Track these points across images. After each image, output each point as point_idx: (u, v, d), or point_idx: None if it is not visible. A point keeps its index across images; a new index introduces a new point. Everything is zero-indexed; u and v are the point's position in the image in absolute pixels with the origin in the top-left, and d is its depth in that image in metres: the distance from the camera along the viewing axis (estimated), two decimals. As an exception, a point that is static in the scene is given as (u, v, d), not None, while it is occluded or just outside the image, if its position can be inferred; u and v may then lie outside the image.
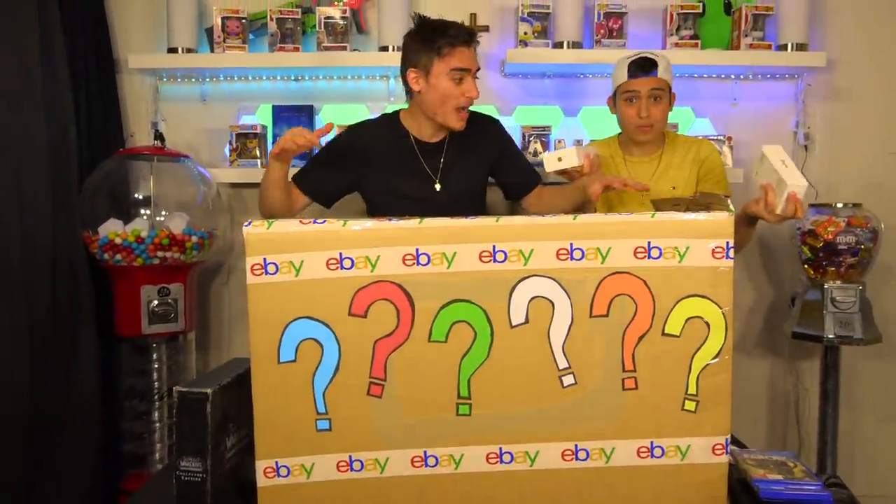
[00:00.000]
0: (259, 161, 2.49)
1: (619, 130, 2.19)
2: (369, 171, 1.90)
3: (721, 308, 1.25)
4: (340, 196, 2.00)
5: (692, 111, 2.58)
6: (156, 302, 2.17)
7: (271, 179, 1.80)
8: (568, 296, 1.22)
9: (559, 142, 2.55)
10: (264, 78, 2.63)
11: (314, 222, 1.24)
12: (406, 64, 1.85)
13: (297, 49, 2.47)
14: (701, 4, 2.42)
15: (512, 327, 1.22)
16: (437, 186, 1.86)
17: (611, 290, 1.23)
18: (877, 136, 2.63)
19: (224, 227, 2.55)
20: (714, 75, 2.57)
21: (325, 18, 2.45)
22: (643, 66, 1.96)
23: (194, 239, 2.19)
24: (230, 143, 2.49)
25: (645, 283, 1.23)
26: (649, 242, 1.24)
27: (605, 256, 1.24)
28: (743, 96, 2.59)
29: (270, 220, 1.24)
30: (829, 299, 2.14)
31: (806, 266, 2.30)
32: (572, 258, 1.23)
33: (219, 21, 2.45)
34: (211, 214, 2.34)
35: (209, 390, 1.24)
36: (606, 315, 1.23)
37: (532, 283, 1.22)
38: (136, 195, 2.28)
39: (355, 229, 1.23)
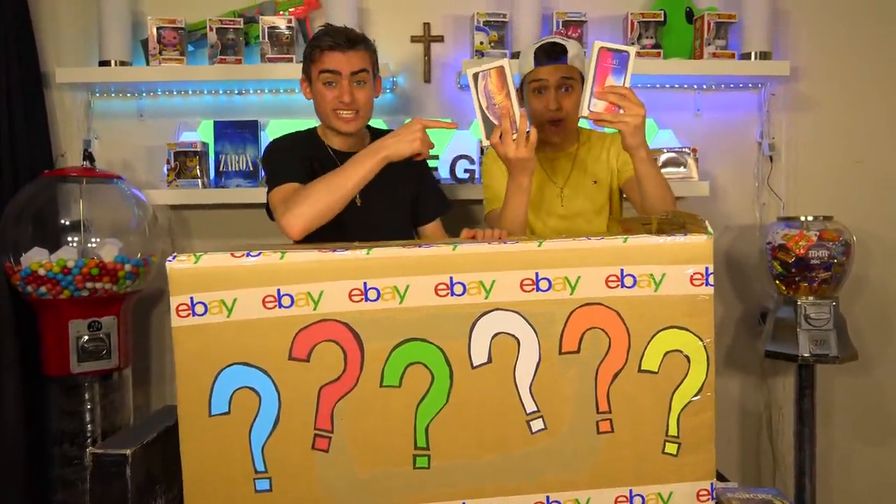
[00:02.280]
0: (200, 181, 2.32)
1: None
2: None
3: (701, 340, 1.15)
4: None
5: (654, 122, 2.51)
6: (86, 337, 1.99)
7: (359, 181, 1.59)
8: (535, 331, 1.13)
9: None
10: (205, 92, 2.47)
11: (248, 255, 1.11)
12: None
13: (239, 61, 2.32)
14: (662, 13, 2.34)
15: (473, 368, 1.12)
16: (358, 200, 1.73)
17: (581, 324, 1.14)
18: (842, 145, 2.58)
19: (164, 253, 2.37)
20: (677, 85, 2.50)
21: (269, 28, 2.30)
22: (551, 53, 1.80)
23: (128, 267, 2.01)
24: (168, 163, 2.32)
25: (618, 314, 1.14)
26: (622, 270, 1.14)
27: (574, 286, 1.13)
28: (706, 106, 2.52)
29: (198, 254, 1.10)
30: (803, 316, 2.06)
31: (777, 282, 2.23)
32: (538, 289, 1.13)
33: (154, 31, 2.29)
34: (147, 239, 2.17)
35: (128, 451, 1.09)
36: (577, 351, 1.14)
37: (494, 318, 1.12)
38: (63, 221, 2.09)
39: (295, 261, 1.10)
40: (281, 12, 2.39)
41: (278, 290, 1.10)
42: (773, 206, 2.53)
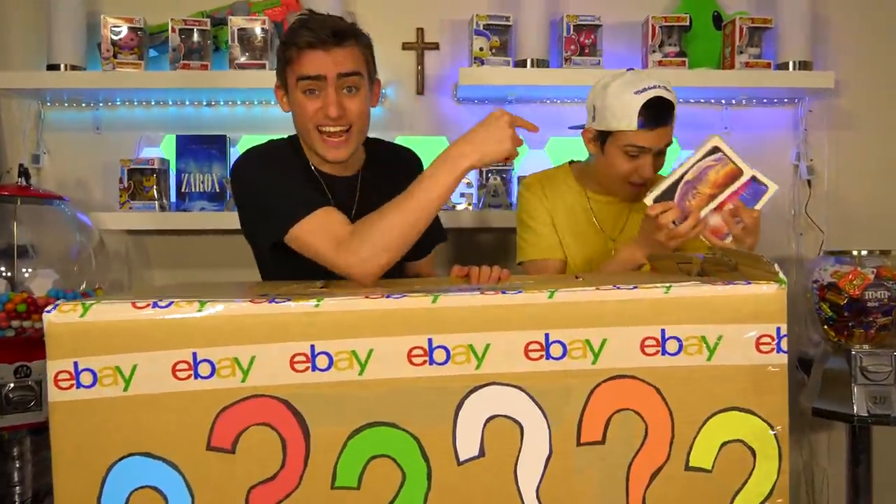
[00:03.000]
0: (156, 203, 2.03)
1: (572, 158, 1.82)
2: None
3: (772, 427, 0.85)
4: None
5: (676, 141, 2.21)
6: (11, 385, 1.69)
7: (438, 203, 1.19)
8: (544, 414, 0.85)
9: (522, 178, 2.15)
10: (170, 102, 2.19)
11: (154, 304, 0.82)
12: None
13: (205, 67, 2.04)
14: (687, 17, 2.06)
15: (460, 464, 0.84)
16: None
17: (608, 404, 0.85)
18: (890, 167, 2.29)
19: (117, 285, 2.08)
20: (703, 99, 2.21)
21: (240, 31, 2.02)
22: (658, 116, 1.49)
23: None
24: (120, 182, 2.03)
25: (658, 391, 0.85)
26: (663, 331, 0.84)
27: (597, 353, 0.84)
28: (736, 124, 2.23)
29: (87, 303, 0.81)
30: (858, 368, 1.75)
31: (826, 327, 1.92)
32: (549, 356, 0.83)
33: (108, 32, 2.01)
34: (91, 270, 1.87)
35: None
36: (602, 441, 0.85)
37: (489, 395, 0.84)
38: (-12, 247, 1.80)
39: (217, 315, 0.82)
40: (255, 13, 2.12)
41: (194, 355, 0.82)
42: (813, 238, 2.23)
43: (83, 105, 2.19)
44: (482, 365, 0.83)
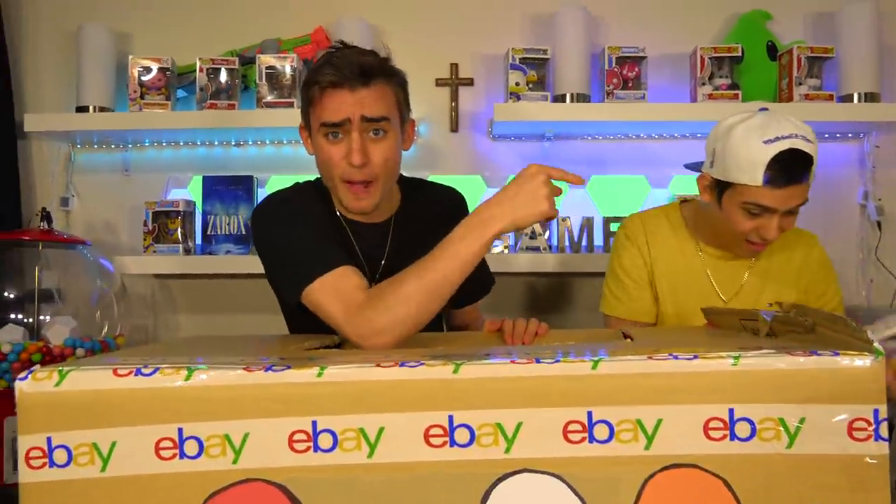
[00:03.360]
0: (181, 246, 1.96)
1: (683, 196, 1.62)
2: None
3: (867, 531, 0.69)
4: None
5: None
6: (24, 439, 1.61)
7: (462, 272, 1.06)
8: None
9: (564, 220, 2.03)
10: (198, 143, 2.14)
11: (137, 372, 0.71)
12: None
13: (232, 106, 1.98)
14: (739, 47, 1.93)
15: None
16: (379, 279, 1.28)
17: (665, 499, 0.70)
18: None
19: (141, 330, 2.01)
20: (757, 135, 2.06)
21: (268, 69, 1.96)
22: (791, 172, 1.28)
23: (80, 352, 1.64)
24: (145, 225, 1.97)
25: (726, 484, 0.71)
26: (731, 411, 0.70)
27: (651, 437, 0.70)
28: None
29: (64, 369, 0.71)
30: (945, 435, 1.56)
31: (900, 386, 1.73)
32: (592, 439, 0.70)
33: (135, 73, 1.97)
34: (111, 317, 1.80)
35: None
36: None
37: (521, 484, 0.70)
38: (5, 293, 1.74)
39: (206, 385, 0.71)
40: (285, 51, 2.06)
41: (180, 431, 0.72)
42: (885, 285, 2.03)
43: (112, 146, 2.16)
44: (512, 448, 0.70)
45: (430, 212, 1.35)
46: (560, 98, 1.98)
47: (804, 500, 0.69)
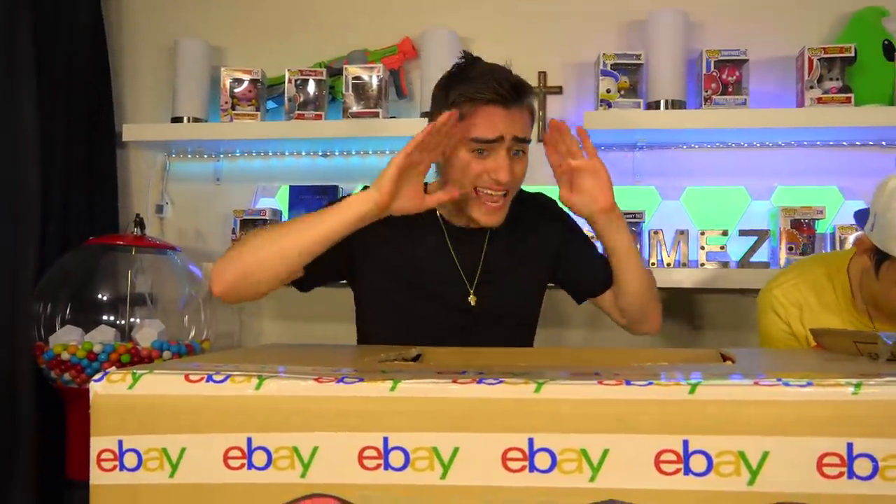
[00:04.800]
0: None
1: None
2: (370, 258, 1.30)
3: None
4: (323, 280, 1.36)
5: (839, 191, 1.92)
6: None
7: (327, 231, 1.13)
8: None
9: (655, 233, 1.93)
10: (286, 153, 2.18)
11: (209, 378, 0.69)
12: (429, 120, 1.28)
13: (319, 116, 2.00)
14: (852, 47, 1.79)
15: None
16: (472, 299, 1.27)
17: (770, 542, 0.62)
18: None
19: (227, 336, 2.05)
20: (872, 142, 1.90)
21: (354, 79, 1.97)
22: None
23: (167, 355, 1.68)
24: (233, 232, 2.02)
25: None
26: (850, 446, 0.63)
27: (755, 471, 0.63)
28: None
29: (137, 372, 0.71)
30: None
31: None
32: (688, 471, 0.64)
33: (227, 84, 2.03)
34: (199, 322, 1.84)
35: None
36: None
37: (608, 516, 0.64)
38: (100, 296, 1.80)
39: (278, 394, 0.68)
40: (372, 62, 2.07)
41: (248, 441, 0.69)
42: None
43: (205, 156, 2.22)
44: (598, 476, 0.64)
45: (521, 219, 1.35)
46: (654, 105, 1.89)
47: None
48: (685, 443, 0.63)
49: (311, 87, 2.02)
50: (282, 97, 2.11)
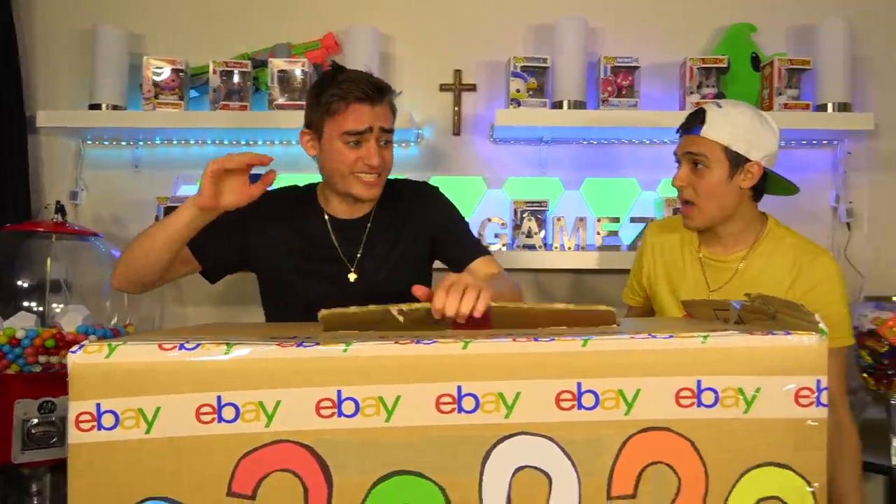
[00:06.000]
0: (193, 240, 2.06)
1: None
2: (262, 245, 1.52)
3: (809, 484, 0.81)
4: (228, 269, 1.59)
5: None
6: (35, 421, 1.69)
7: (173, 232, 1.31)
8: (574, 465, 0.80)
9: (558, 219, 2.14)
10: (209, 142, 2.24)
11: (181, 347, 0.81)
12: (304, 124, 1.49)
13: (244, 107, 2.08)
14: (726, 58, 2.05)
15: None
16: (352, 276, 1.47)
17: (640, 457, 0.82)
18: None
19: (148, 321, 2.10)
20: (741, 141, 2.17)
21: (280, 72, 2.07)
22: (686, 122, 1.53)
23: (92, 339, 1.72)
24: (157, 219, 2.07)
25: (693, 445, 0.82)
26: (699, 382, 0.82)
27: (630, 404, 0.81)
28: (774, 165, 2.18)
29: (113, 343, 0.81)
30: (897, 419, 1.68)
31: (865, 374, 1.85)
32: (581, 406, 0.81)
33: (149, 73, 2.07)
34: (123, 307, 1.90)
35: None
36: (633, 496, 0.81)
37: (518, 445, 0.80)
38: (21, 282, 1.83)
39: (244, 358, 0.80)
40: (296, 55, 2.16)
41: (219, 398, 0.81)
42: (853, 282, 2.15)
43: (123, 143, 2.25)
44: (512, 414, 0.80)
45: (405, 205, 1.55)
46: (558, 105, 2.09)
47: (757, 458, 0.80)
48: (578, 384, 0.80)
49: (237, 78, 2.09)
50: (203, 86, 2.17)
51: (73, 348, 0.82)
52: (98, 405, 0.81)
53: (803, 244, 1.51)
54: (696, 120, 1.48)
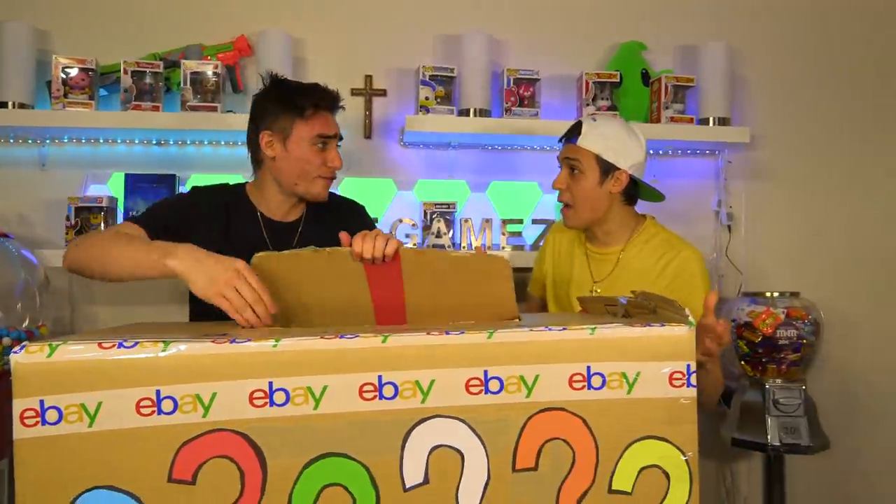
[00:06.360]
0: (105, 240, 2.05)
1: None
2: (198, 244, 1.49)
3: (683, 453, 0.96)
4: None
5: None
6: (-46, 422, 1.67)
7: (142, 273, 1.26)
8: (482, 443, 0.92)
9: (465, 220, 2.26)
10: (119, 141, 2.23)
11: (120, 345, 0.87)
12: (260, 126, 1.56)
13: (156, 108, 2.09)
14: (618, 74, 2.23)
15: (406, 490, 0.91)
16: None
17: (540, 434, 0.94)
18: (801, 216, 2.49)
19: (59, 322, 2.08)
20: (632, 149, 2.37)
21: (192, 74, 2.09)
22: (567, 133, 1.68)
23: (6, 341, 1.72)
24: (67, 219, 2.05)
25: (585, 422, 0.95)
26: (589, 367, 0.94)
27: (531, 388, 0.93)
28: (662, 173, 2.39)
29: (54, 343, 0.85)
30: (772, 401, 1.90)
31: (742, 362, 2.07)
32: (487, 391, 0.92)
33: (59, 72, 2.05)
34: (35, 307, 1.88)
35: None
36: (535, 468, 0.93)
37: (433, 427, 0.91)
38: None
39: (181, 354, 0.87)
40: (208, 57, 2.18)
41: (157, 392, 0.87)
42: (733, 279, 2.39)
43: (30, 142, 2.20)
44: (427, 399, 0.90)
45: (332, 216, 1.65)
46: (465, 112, 2.21)
47: (638, 431, 0.94)
48: (485, 372, 0.91)
49: (148, 79, 2.10)
50: (113, 85, 2.16)
51: (15, 348, 0.86)
52: (42, 401, 0.85)
53: (672, 239, 1.69)
54: (574, 131, 1.65)
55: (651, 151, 2.39)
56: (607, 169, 1.61)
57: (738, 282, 2.39)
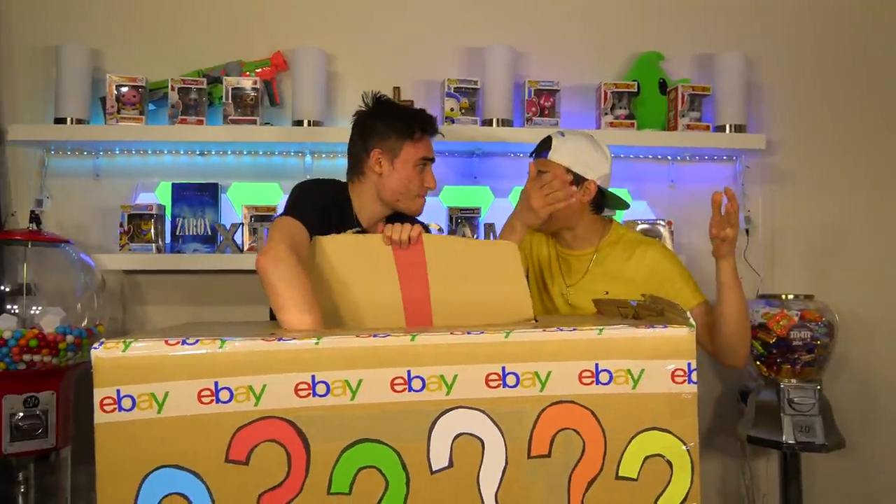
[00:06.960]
0: (154, 245, 2.20)
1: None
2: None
3: (685, 444, 1.05)
4: None
5: (628, 193, 2.45)
6: (21, 414, 1.83)
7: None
8: (501, 432, 1.02)
9: (489, 226, 2.36)
10: (165, 152, 2.38)
11: (183, 342, 0.99)
12: (369, 143, 1.69)
13: (200, 122, 2.23)
14: (636, 83, 2.31)
15: (433, 473, 1.01)
16: None
17: (553, 424, 1.03)
18: (818, 220, 2.55)
19: (113, 321, 2.23)
20: (651, 156, 2.45)
21: (234, 89, 2.23)
22: (537, 148, 1.80)
23: (69, 339, 1.87)
24: (121, 226, 2.20)
25: (593, 414, 1.04)
26: (597, 365, 1.04)
27: (544, 382, 1.03)
28: (680, 178, 2.47)
29: (127, 340, 0.99)
30: (786, 400, 1.97)
31: (758, 362, 2.14)
32: (505, 385, 1.02)
33: (113, 89, 2.20)
34: (93, 308, 2.03)
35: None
36: (548, 455, 1.03)
37: (457, 416, 1.01)
38: (2, 287, 1.95)
39: (235, 351, 0.99)
40: (247, 73, 2.32)
41: (216, 383, 0.99)
42: (751, 282, 2.46)
43: (85, 154, 2.36)
44: (451, 392, 1.01)
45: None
46: (488, 122, 2.31)
47: (643, 423, 1.03)
48: (503, 368, 1.02)
49: (192, 94, 2.24)
50: (161, 100, 2.31)
51: (95, 345, 0.99)
52: (118, 391, 0.97)
53: (639, 238, 1.80)
54: (544, 146, 1.76)
55: (669, 157, 2.47)
56: (577, 180, 1.71)
57: (755, 284, 2.46)
